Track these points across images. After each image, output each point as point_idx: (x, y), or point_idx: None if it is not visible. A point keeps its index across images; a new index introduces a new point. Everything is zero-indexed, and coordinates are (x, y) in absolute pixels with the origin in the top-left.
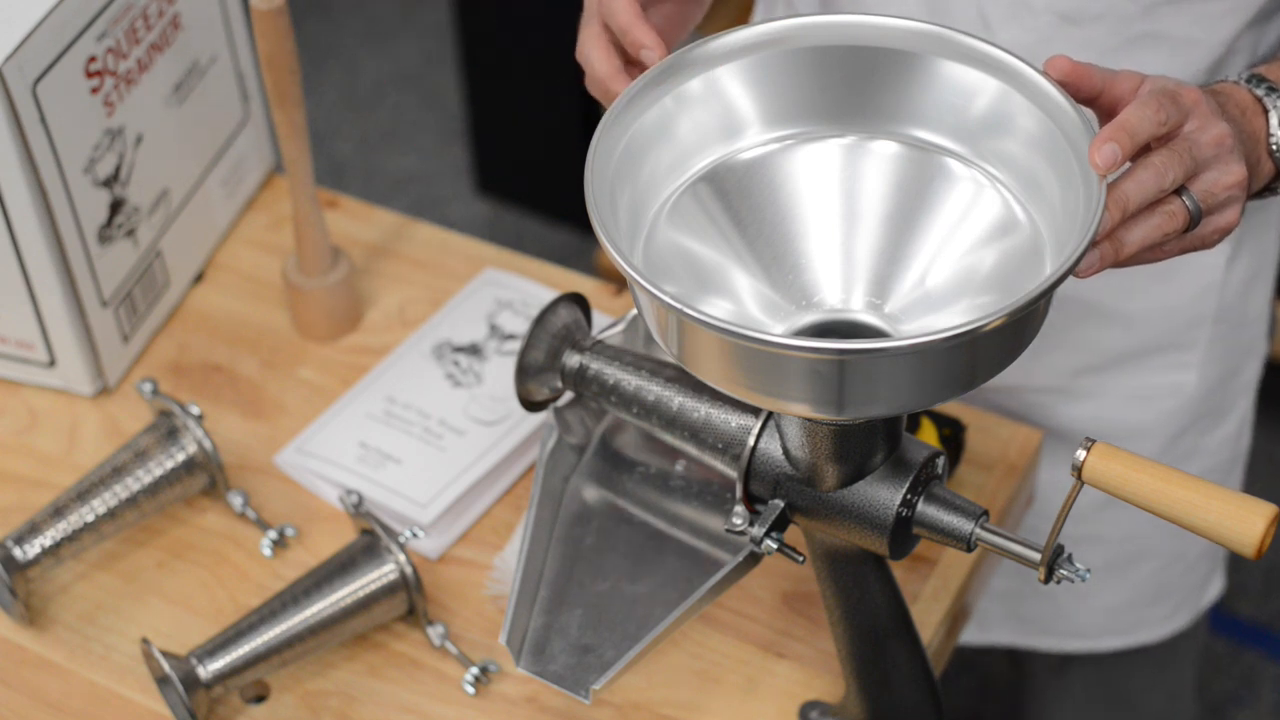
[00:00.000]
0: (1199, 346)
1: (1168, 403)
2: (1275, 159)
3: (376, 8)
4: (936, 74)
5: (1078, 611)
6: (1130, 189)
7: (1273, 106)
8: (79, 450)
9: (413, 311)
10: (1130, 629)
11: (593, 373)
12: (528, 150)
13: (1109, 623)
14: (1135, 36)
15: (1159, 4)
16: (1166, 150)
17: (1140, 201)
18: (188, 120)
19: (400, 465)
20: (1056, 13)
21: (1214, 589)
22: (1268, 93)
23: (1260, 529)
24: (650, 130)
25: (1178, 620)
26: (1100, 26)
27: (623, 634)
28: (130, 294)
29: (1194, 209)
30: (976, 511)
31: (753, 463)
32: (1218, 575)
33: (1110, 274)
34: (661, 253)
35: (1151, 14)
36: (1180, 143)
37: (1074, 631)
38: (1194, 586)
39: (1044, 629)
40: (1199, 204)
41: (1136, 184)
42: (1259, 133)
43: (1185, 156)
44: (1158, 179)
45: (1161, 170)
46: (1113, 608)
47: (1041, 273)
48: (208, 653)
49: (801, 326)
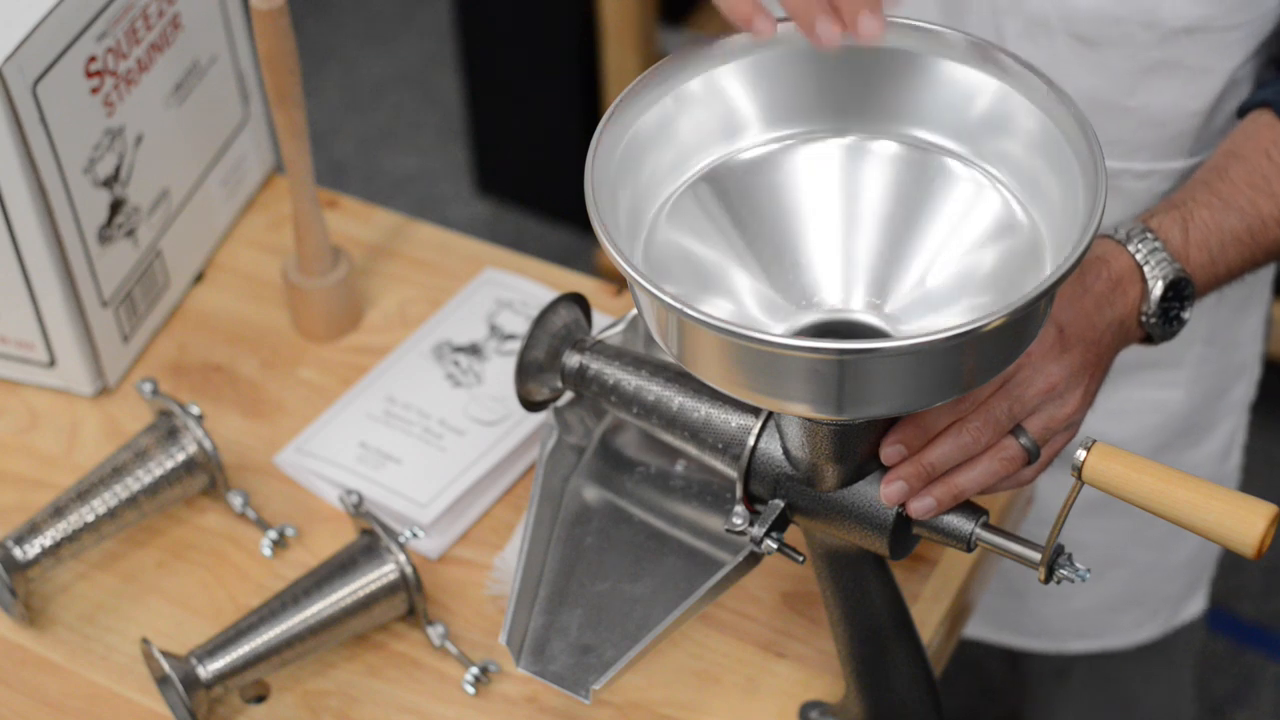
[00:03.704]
0: (1187, 365)
1: (1150, 418)
2: (1145, 327)
3: (376, 8)
4: (936, 74)
5: (1048, 611)
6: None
7: (1154, 277)
8: (79, 450)
9: (413, 311)
10: (1100, 632)
11: (593, 373)
12: (528, 150)
13: (1081, 625)
14: (1151, 65)
15: (1176, 33)
16: (980, 415)
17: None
18: (188, 120)
19: (400, 465)
20: (1073, 34)
21: (1194, 607)
22: (1150, 254)
23: (1260, 529)
24: (650, 130)
25: (1148, 630)
26: (1115, 52)
27: (623, 634)
28: (130, 294)
29: (1031, 447)
30: (976, 511)
31: (753, 463)
32: (1200, 594)
33: None
34: (661, 253)
35: (1168, 42)
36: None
37: (1043, 631)
38: (1170, 599)
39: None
40: (1036, 442)
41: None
42: (1129, 306)
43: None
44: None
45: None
46: (1080, 611)
47: (1041, 273)
48: (208, 653)
49: (801, 326)
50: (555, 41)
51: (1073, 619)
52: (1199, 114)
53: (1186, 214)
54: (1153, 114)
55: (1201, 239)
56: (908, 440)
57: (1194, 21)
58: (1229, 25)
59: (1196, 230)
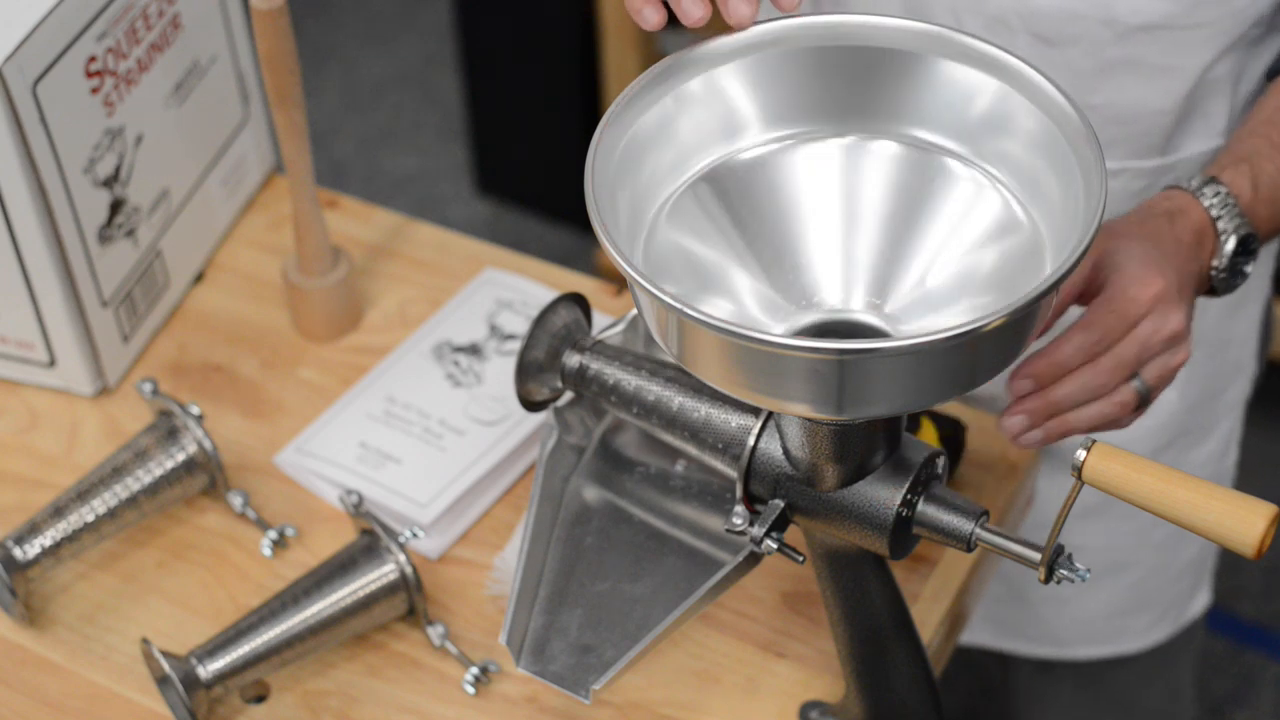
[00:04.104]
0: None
1: (1147, 420)
2: (1213, 280)
3: (376, 8)
4: (936, 74)
5: (1056, 619)
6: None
7: (1225, 232)
8: (79, 450)
9: (413, 311)
10: (1110, 638)
11: (593, 373)
12: (528, 150)
13: (1087, 632)
14: (1111, 62)
15: (1134, 30)
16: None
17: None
18: (188, 120)
19: (400, 465)
20: (1033, 33)
21: (1200, 602)
22: (1224, 209)
23: (1260, 529)
24: (650, 130)
25: (1159, 631)
26: (1076, 50)
27: (623, 634)
28: (130, 294)
29: (1144, 392)
30: (976, 511)
31: (753, 463)
32: (1204, 589)
33: None
34: (661, 253)
35: (1126, 40)
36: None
37: (1049, 638)
38: (1178, 598)
39: (1019, 634)
40: (1149, 386)
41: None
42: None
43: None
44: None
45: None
46: (1091, 618)
47: (1041, 273)
48: (208, 653)
49: (801, 326)
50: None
51: (1082, 626)
52: (1167, 112)
53: (1255, 169)
54: (1118, 112)
55: (1269, 194)
56: (1040, 375)
57: (1153, 19)
58: (1190, 24)
59: (1265, 186)
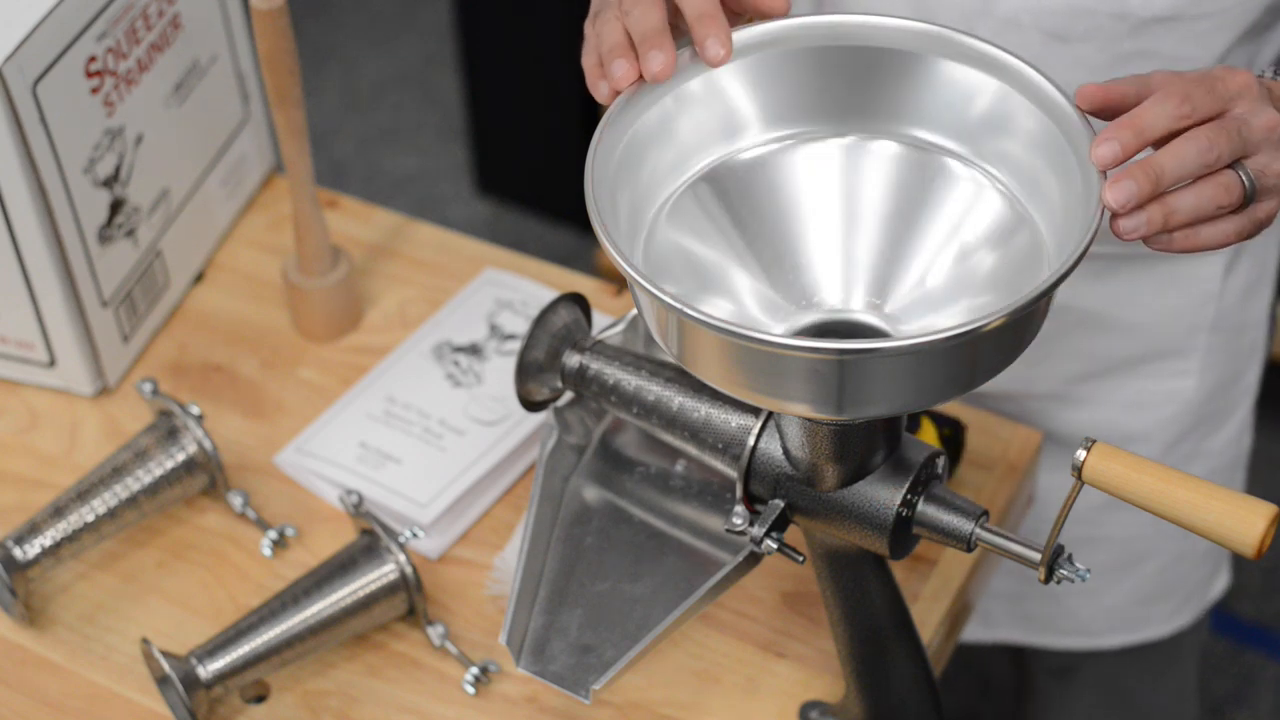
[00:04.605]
0: (1197, 353)
1: (1166, 409)
2: None
3: (376, 8)
4: (936, 74)
5: (1082, 609)
6: (1166, 160)
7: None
8: (79, 450)
9: (413, 311)
10: (1135, 626)
11: (593, 373)
12: (528, 150)
13: (1114, 621)
14: (1125, 55)
15: (1147, 23)
16: (1214, 126)
17: (1178, 173)
18: (188, 120)
19: (400, 465)
20: (1044, 31)
21: (1219, 584)
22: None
23: (1260, 529)
24: (650, 130)
25: (1183, 616)
26: (1088, 45)
27: (623, 634)
28: (130, 294)
29: (1249, 185)
30: (976, 511)
31: (753, 463)
32: (1223, 571)
33: (1108, 282)
34: (661, 253)
35: (1140, 33)
36: (1230, 121)
37: (1079, 630)
38: (1199, 583)
39: (1048, 627)
40: (1254, 181)
41: (1173, 155)
42: None
43: (1234, 135)
44: (1200, 153)
45: (1205, 145)
46: (1117, 606)
47: (1041, 273)
48: (208, 653)
49: (801, 326)
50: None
51: (1109, 615)
52: None
53: None
54: None
55: None
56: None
57: (1164, 11)
58: (1200, 14)
59: None
